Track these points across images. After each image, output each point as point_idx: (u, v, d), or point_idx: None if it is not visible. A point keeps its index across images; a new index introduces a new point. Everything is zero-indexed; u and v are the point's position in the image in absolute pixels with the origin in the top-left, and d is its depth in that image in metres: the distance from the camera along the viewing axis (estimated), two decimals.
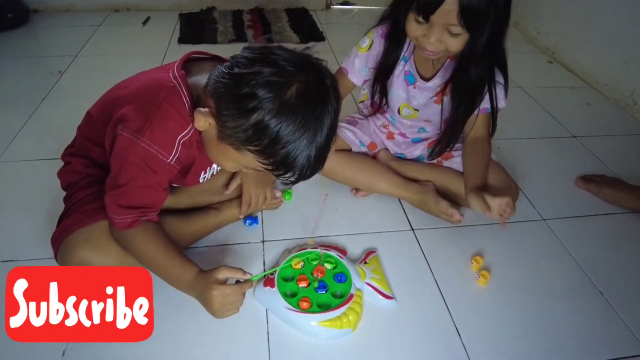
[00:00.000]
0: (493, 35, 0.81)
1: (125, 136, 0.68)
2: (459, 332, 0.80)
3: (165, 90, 0.69)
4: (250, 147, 0.63)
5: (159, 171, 0.70)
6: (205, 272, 0.72)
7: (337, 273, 0.84)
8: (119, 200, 0.70)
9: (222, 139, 0.65)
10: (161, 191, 0.73)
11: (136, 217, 0.71)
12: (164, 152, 0.69)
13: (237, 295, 0.71)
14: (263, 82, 0.60)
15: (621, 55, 1.58)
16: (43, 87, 1.47)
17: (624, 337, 0.82)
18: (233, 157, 0.67)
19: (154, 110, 0.68)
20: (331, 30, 2.05)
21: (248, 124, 0.61)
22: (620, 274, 0.94)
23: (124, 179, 0.69)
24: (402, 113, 1.01)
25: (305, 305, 0.78)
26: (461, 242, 0.99)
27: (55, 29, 1.92)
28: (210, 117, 0.65)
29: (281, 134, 0.60)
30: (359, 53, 0.96)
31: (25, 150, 1.18)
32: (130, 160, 0.68)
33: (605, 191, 1.13)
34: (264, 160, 0.63)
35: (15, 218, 0.97)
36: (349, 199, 1.08)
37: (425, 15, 0.78)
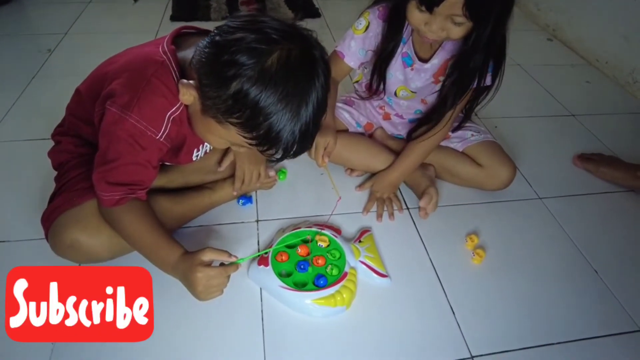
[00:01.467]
0: (497, 25, 0.79)
1: (113, 112, 0.66)
2: (453, 309, 0.80)
3: (154, 64, 0.67)
4: (232, 120, 0.60)
5: (148, 148, 0.69)
6: (189, 254, 0.71)
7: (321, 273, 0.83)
8: (107, 177, 0.68)
9: (205, 111, 0.63)
10: (150, 169, 0.71)
11: (124, 194, 0.69)
12: (153, 128, 0.67)
13: (221, 278, 0.69)
14: (244, 48, 0.57)
15: (623, 32, 1.55)
16: (32, 66, 1.43)
17: (617, 314, 0.82)
18: (217, 131, 0.65)
19: (142, 86, 0.66)
20: (327, 6, 2.00)
21: (228, 94, 0.58)
22: (615, 252, 0.94)
23: (112, 155, 0.68)
24: (399, 95, 0.99)
25: None
26: (456, 220, 0.98)
27: (44, 6, 1.87)
28: (192, 89, 0.63)
29: (262, 105, 0.58)
30: (355, 35, 0.93)
31: (15, 130, 1.16)
32: (118, 136, 0.66)
33: (603, 170, 1.13)
34: (246, 133, 0.61)
35: (6, 198, 0.96)
36: (344, 179, 1.07)
37: (429, 7, 0.75)
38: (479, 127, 1.07)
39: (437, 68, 0.93)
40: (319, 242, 0.86)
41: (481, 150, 1.01)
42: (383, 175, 1.01)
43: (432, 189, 0.96)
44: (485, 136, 1.04)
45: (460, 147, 1.03)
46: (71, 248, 0.74)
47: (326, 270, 0.81)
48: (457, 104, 0.91)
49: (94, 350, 0.70)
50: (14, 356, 0.70)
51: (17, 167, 1.05)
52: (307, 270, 0.81)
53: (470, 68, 0.86)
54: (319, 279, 0.79)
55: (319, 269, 0.81)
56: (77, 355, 0.70)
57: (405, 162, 0.99)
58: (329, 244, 0.86)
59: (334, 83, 0.98)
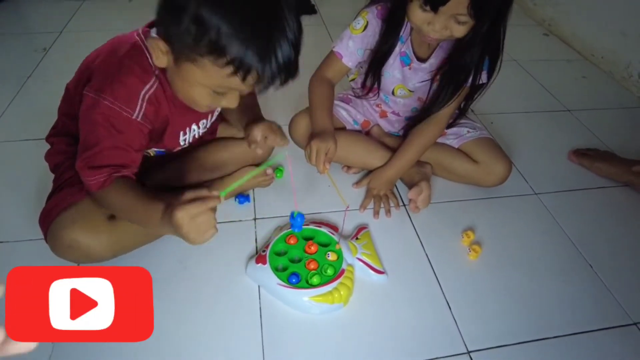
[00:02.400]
0: (495, 22, 0.79)
1: (89, 96, 0.67)
2: (449, 305, 0.81)
3: (126, 46, 0.68)
4: (201, 50, 0.58)
5: (125, 131, 0.69)
6: (172, 204, 0.64)
7: None
8: (89, 162, 0.68)
9: (178, 59, 0.62)
10: (132, 152, 0.71)
11: (108, 174, 0.69)
12: (128, 108, 0.67)
13: (205, 213, 0.61)
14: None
15: (618, 27, 1.55)
16: (28, 65, 1.43)
17: (611, 308, 0.83)
18: (197, 78, 0.62)
19: (115, 68, 0.67)
20: (323, 3, 2.00)
21: (187, 24, 0.56)
22: (610, 246, 0.95)
23: (92, 141, 0.68)
24: (397, 94, 1.00)
25: None
26: (453, 216, 0.99)
27: (39, 4, 1.86)
28: (159, 40, 0.62)
29: (224, 21, 0.55)
30: (353, 35, 0.92)
31: (12, 130, 1.16)
32: (95, 121, 0.67)
33: (598, 165, 1.13)
34: (221, 61, 0.57)
35: (4, 199, 0.96)
36: (341, 176, 1.08)
37: (434, 6, 0.75)
38: (474, 124, 1.07)
39: (435, 67, 0.93)
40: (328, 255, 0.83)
41: (477, 147, 1.01)
42: (380, 172, 1.02)
43: (423, 183, 0.96)
44: (481, 132, 1.04)
45: (456, 144, 1.04)
46: (70, 248, 0.74)
47: (323, 272, 0.82)
48: (452, 100, 0.91)
49: (95, 350, 0.71)
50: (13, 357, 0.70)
51: (14, 168, 1.05)
52: (299, 281, 0.79)
53: (466, 64, 0.86)
54: (291, 277, 0.79)
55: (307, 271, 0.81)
56: (78, 355, 0.71)
57: (401, 159, 0.99)
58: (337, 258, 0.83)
59: (331, 86, 0.97)
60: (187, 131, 0.83)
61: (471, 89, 0.92)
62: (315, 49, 0.97)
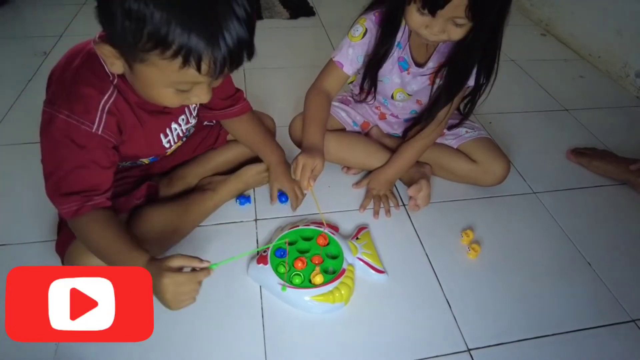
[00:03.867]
0: (495, 24, 0.80)
1: (46, 111, 0.64)
2: (450, 303, 0.82)
3: (81, 55, 0.64)
4: (145, 47, 0.54)
5: (87, 146, 0.65)
6: (157, 260, 0.65)
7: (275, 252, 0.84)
8: (59, 188, 0.65)
9: (130, 62, 0.58)
10: (99, 170, 0.67)
11: (80, 203, 0.65)
12: (86, 120, 0.64)
13: (191, 284, 0.63)
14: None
15: (615, 26, 1.56)
16: (28, 69, 1.44)
17: (610, 305, 0.84)
18: (154, 77, 0.59)
19: (69, 79, 0.63)
20: (322, 4, 2.01)
21: (120, 20, 0.53)
22: (608, 244, 0.96)
23: (55, 163, 0.65)
24: (396, 98, 1.00)
25: None
26: (452, 216, 1.00)
27: (39, 8, 1.87)
28: (105, 45, 0.58)
29: (156, 7, 0.51)
30: (352, 42, 0.92)
31: (13, 134, 1.17)
32: (53, 138, 0.63)
33: (596, 164, 1.14)
34: (167, 53, 0.54)
35: (5, 202, 0.97)
36: (341, 177, 1.09)
37: (432, 10, 0.75)
38: (473, 124, 1.08)
39: (433, 70, 0.93)
40: None
41: (475, 147, 1.02)
42: (379, 172, 1.02)
43: (423, 180, 0.97)
44: (479, 132, 1.05)
45: (454, 144, 1.05)
46: None
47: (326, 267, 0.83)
48: (450, 102, 0.92)
49: (97, 350, 0.72)
50: (18, 355, 0.71)
51: (16, 171, 1.05)
52: (285, 256, 0.82)
53: (465, 67, 0.87)
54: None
55: None
56: (80, 355, 0.71)
57: (400, 160, 1.00)
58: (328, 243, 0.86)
59: (328, 99, 0.97)
60: (169, 132, 0.81)
61: (472, 91, 0.93)
62: (315, 50, 0.98)
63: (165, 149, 0.83)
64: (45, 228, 0.90)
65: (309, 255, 0.84)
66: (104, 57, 0.61)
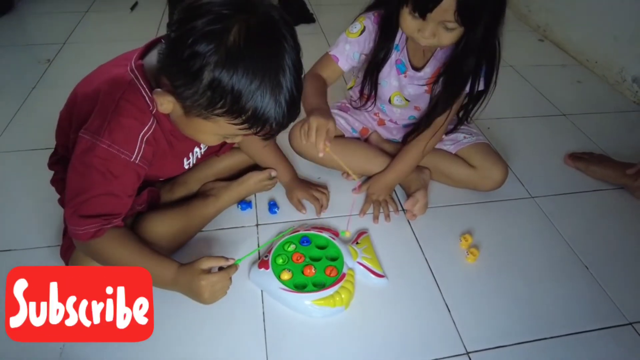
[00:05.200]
0: (488, 30, 0.81)
1: (85, 139, 0.65)
2: (449, 307, 0.83)
3: (121, 87, 0.66)
4: (216, 111, 0.58)
5: (121, 176, 0.67)
6: (187, 266, 0.72)
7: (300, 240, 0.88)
8: (80, 210, 0.66)
9: (188, 112, 0.62)
10: (124, 198, 0.70)
11: (100, 225, 0.67)
12: (126, 150, 0.66)
13: (225, 281, 0.73)
14: (200, 35, 0.54)
15: (611, 32, 1.58)
16: (32, 77, 1.45)
17: (607, 308, 0.85)
18: (207, 128, 0.63)
19: (111, 110, 0.65)
20: (322, 11, 2.03)
21: (203, 87, 0.56)
22: (605, 248, 0.97)
23: (84, 187, 0.66)
24: (394, 102, 1.02)
25: None
26: (451, 220, 1.01)
27: (42, 16, 1.89)
28: (168, 95, 0.61)
29: (240, 85, 0.55)
30: (349, 39, 0.94)
31: (18, 140, 1.18)
32: (90, 164, 0.65)
33: (593, 168, 1.15)
34: (235, 120, 0.59)
35: (9, 208, 0.98)
36: (341, 182, 1.10)
37: (421, 13, 0.77)
38: (470, 129, 1.09)
39: (430, 76, 0.95)
40: None
41: (473, 152, 1.03)
42: (379, 177, 1.04)
43: (419, 193, 0.98)
44: (477, 138, 1.06)
45: (453, 150, 1.06)
46: None
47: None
48: (448, 108, 0.93)
49: (102, 351, 0.72)
50: (24, 356, 0.72)
51: (20, 177, 1.07)
52: (309, 243, 0.86)
53: (462, 73, 0.88)
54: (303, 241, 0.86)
55: None
56: (85, 356, 0.72)
57: (400, 165, 1.01)
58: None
59: (325, 82, 0.97)
60: (191, 156, 0.84)
61: (470, 97, 0.94)
62: (315, 56, 0.99)
63: (183, 170, 0.86)
64: (50, 234, 0.91)
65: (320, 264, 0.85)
66: (159, 102, 0.62)
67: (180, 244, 0.88)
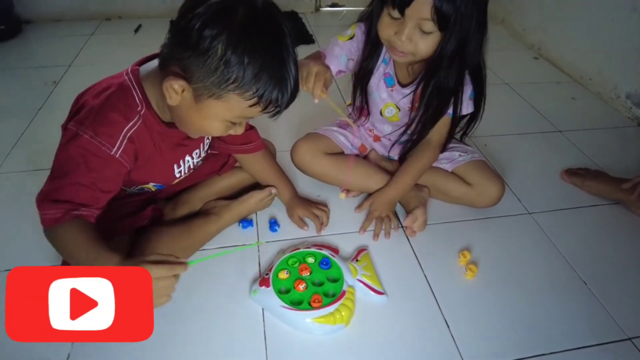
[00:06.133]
0: (465, 40, 0.82)
1: (70, 129, 0.68)
2: (448, 324, 0.83)
3: (113, 86, 0.70)
4: (229, 86, 0.62)
5: (100, 168, 0.68)
6: (132, 258, 0.64)
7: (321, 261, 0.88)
8: (52, 194, 0.67)
9: (199, 96, 0.64)
10: (97, 192, 0.69)
11: (65, 211, 0.67)
12: (108, 143, 0.68)
13: (168, 279, 0.61)
14: (210, 17, 0.60)
15: (604, 49, 1.61)
16: (38, 98, 1.49)
17: (606, 324, 0.85)
18: (218, 112, 0.66)
19: (99, 104, 0.68)
20: (321, 32, 2.08)
21: (216, 63, 0.60)
22: (603, 263, 0.98)
23: (61, 174, 0.68)
24: (385, 114, 1.04)
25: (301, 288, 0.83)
26: (449, 237, 1.02)
27: (48, 39, 1.94)
28: (179, 79, 0.63)
29: (251, 58, 0.60)
30: (339, 41, 0.97)
31: (24, 161, 1.20)
32: (70, 153, 0.67)
33: (589, 183, 1.17)
34: (247, 94, 0.63)
35: (16, 228, 1.00)
36: (340, 200, 1.11)
37: (400, 8, 0.80)
38: (465, 147, 1.11)
39: (416, 94, 0.96)
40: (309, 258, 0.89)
41: (469, 170, 1.05)
42: (380, 194, 1.05)
43: (418, 210, 1.00)
44: (472, 155, 1.08)
45: (449, 168, 1.08)
46: None
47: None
48: (433, 126, 0.95)
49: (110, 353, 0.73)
50: (32, 357, 0.73)
51: (25, 198, 1.08)
52: (329, 266, 0.86)
53: (442, 86, 0.89)
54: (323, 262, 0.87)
55: None
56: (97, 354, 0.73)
57: (401, 180, 1.03)
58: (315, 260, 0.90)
59: None
60: (182, 163, 0.86)
61: (461, 117, 0.96)
62: None
63: (175, 178, 0.87)
64: (52, 253, 0.90)
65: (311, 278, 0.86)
66: (169, 91, 0.65)
67: None
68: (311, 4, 2.34)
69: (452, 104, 0.93)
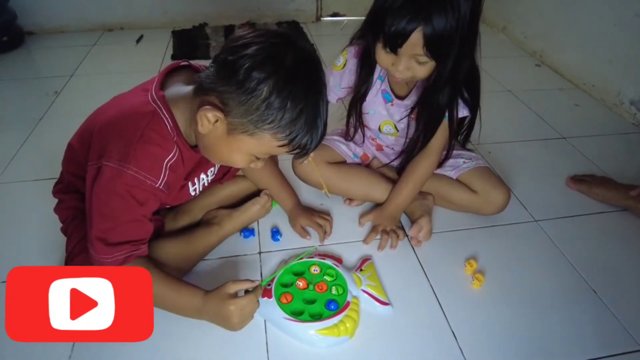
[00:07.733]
0: (460, 60, 0.82)
1: (110, 167, 0.66)
2: (455, 334, 0.81)
3: (145, 116, 0.69)
4: (265, 126, 0.64)
5: (146, 202, 0.69)
6: (212, 293, 0.73)
7: (330, 298, 0.83)
8: (109, 237, 0.67)
9: (233, 130, 0.66)
10: (147, 223, 0.72)
11: (129, 252, 0.69)
12: (152, 177, 0.68)
13: (253, 304, 0.73)
14: (260, 60, 0.62)
15: (607, 56, 1.61)
16: (40, 108, 1.49)
17: (617, 334, 0.83)
18: (247, 147, 0.68)
19: (137, 138, 0.67)
20: (322, 42, 2.09)
21: (258, 103, 0.62)
22: (612, 271, 0.96)
23: (109, 214, 0.67)
24: (383, 130, 1.03)
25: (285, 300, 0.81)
26: (455, 246, 1.00)
27: (50, 50, 1.95)
28: (216, 111, 0.65)
29: (292, 104, 0.63)
30: (333, 71, 0.98)
31: (24, 170, 1.20)
32: (115, 192, 0.66)
33: (595, 190, 1.15)
34: (281, 134, 0.65)
35: (15, 238, 0.99)
36: (343, 208, 1.10)
37: (392, 48, 0.80)
38: (470, 154, 1.10)
39: (414, 105, 0.95)
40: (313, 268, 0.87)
41: (474, 177, 1.04)
42: (382, 209, 1.03)
43: (423, 219, 0.99)
44: (476, 162, 1.06)
45: (454, 175, 1.06)
46: None
47: (332, 292, 0.83)
48: (431, 138, 0.95)
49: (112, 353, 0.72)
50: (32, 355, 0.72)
51: (26, 207, 1.08)
52: (336, 308, 0.80)
53: (438, 104, 0.90)
54: (329, 304, 0.81)
55: (326, 295, 0.83)
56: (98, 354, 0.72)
57: (402, 193, 1.02)
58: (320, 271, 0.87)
59: None
60: (197, 182, 0.86)
61: (458, 123, 0.95)
62: None
63: (190, 197, 0.87)
64: (54, 261, 0.91)
65: (313, 285, 0.84)
66: (202, 119, 0.66)
67: (183, 271, 0.87)
68: (312, 14, 2.35)
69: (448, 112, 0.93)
